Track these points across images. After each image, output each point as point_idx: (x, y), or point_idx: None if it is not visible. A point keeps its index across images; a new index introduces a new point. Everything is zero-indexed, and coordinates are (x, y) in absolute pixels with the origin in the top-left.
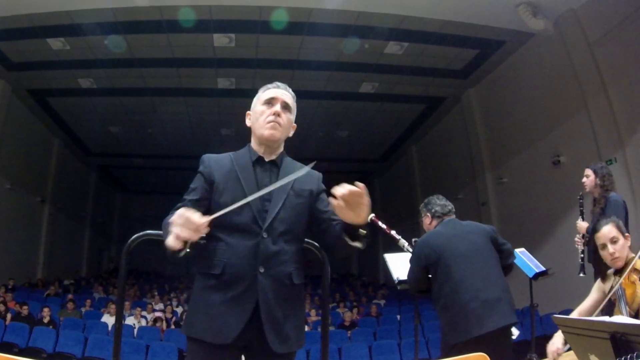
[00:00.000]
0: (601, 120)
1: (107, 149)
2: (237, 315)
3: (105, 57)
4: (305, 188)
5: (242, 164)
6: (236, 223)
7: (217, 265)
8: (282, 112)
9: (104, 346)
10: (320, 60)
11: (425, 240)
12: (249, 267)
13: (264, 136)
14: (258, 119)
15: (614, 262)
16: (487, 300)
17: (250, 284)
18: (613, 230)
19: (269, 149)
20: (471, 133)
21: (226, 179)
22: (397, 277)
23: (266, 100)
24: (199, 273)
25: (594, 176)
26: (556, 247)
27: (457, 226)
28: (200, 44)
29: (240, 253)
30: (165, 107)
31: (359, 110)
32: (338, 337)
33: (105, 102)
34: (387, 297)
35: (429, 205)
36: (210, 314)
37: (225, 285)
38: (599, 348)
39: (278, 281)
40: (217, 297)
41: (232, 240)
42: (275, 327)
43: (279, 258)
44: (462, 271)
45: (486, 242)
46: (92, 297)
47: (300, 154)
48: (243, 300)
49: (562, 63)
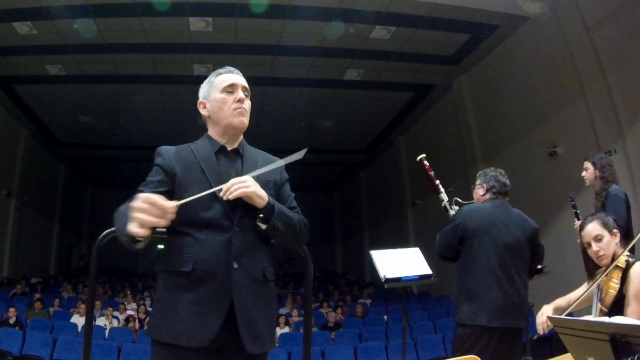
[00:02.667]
0: (600, 108)
1: (77, 139)
2: (212, 315)
3: (75, 42)
4: (270, 179)
5: (205, 155)
6: (205, 218)
7: (187, 262)
8: (244, 98)
9: (73, 348)
10: (303, 45)
11: (472, 212)
12: (222, 262)
13: (232, 124)
14: (221, 107)
15: (599, 260)
16: (509, 296)
17: (224, 281)
18: (597, 227)
19: (233, 138)
20: (462, 123)
21: (189, 172)
22: (384, 275)
23: (225, 88)
24: (166, 271)
25: (593, 168)
26: (552, 244)
27: (508, 213)
28: (175, 29)
29: (211, 249)
30: (139, 95)
31: (344, 98)
32: (321, 338)
33: (75, 89)
34: (373, 296)
35: (489, 178)
36: (182, 315)
37: (196, 283)
38: (597, 350)
39: (251, 277)
40: (188, 296)
41: (202, 236)
42: (250, 326)
43: (253, 253)
44: (495, 261)
45: (525, 238)
46: (60, 297)
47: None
48: (217, 298)
49: (559, 48)
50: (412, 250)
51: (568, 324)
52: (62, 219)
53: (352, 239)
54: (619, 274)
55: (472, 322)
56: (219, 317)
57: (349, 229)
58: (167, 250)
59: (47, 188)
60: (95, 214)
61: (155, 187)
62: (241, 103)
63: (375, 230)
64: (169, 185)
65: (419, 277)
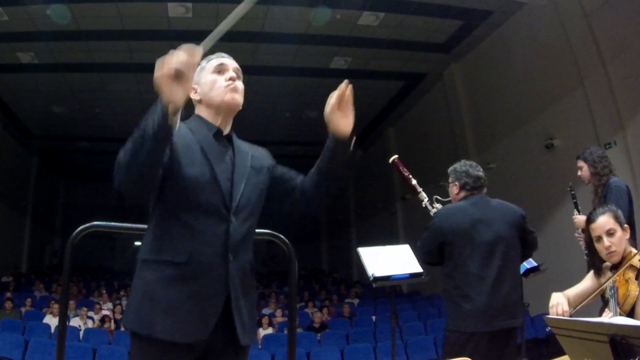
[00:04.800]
0: (599, 99)
1: (50, 131)
2: (208, 310)
3: (47, 28)
4: (263, 164)
5: (203, 136)
6: (203, 203)
7: (182, 252)
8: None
9: (46, 350)
10: (287, 32)
11: (449, 214)
12: (218, 255)
13: (224, 101)
14: (212, 87)
15: (609, 257)
16: (497, 297)
17: (221, 275)
18: (610, 221)
19: (226, 120)
20: (454, 113)
21: (187, 149)
22: (373, 274)
23: (215, 69)
24: (153, 261)
25: (587, 165)
26: (549, 241)
27: (486, 207)
28: (153, 15)
29: (209, 239)
30: (115, 84)
31: (330, 87)
32: (306, 340)
33: (47, 78)
34: (361, 295)
35: (460, 174)
36: (177, 309)
37: (190, 276)
38: (596, 352)
39: (243, 270)
40: (181, 289)
41: (199, 224)
42: (242, 319)
43: (245, 244)
44: (479, 263)
45: (512, 232)
46: (32, 296)
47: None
48: (215, 292)
49: (556, 36)
50: (402, 247)
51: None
52: (35, 214)
53: (338, 235)
54: (633, 275)
55: (458, 328)
56: (216, 312)
57: (336, 225)
58: (154, 237)
59: (19, 182)
60: (69, 209)
61: None
62: (232, 81)
63: (363, 226)
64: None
65: (409, 276)
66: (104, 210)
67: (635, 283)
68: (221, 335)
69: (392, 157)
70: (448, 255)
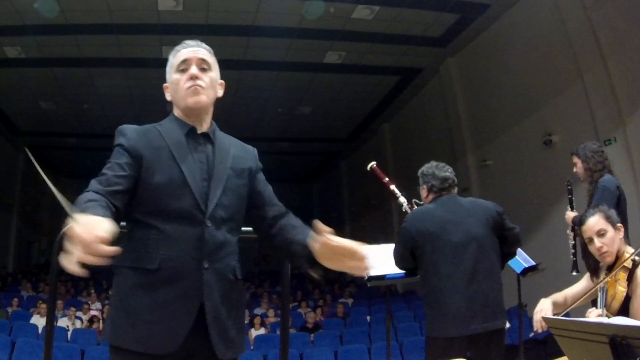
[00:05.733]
0: (598, 94)
1: (38, 127)
2: (180, 319)
3: (34, 22)
4: (244, 167)
5: (174, 137)
6: (175, 208)
7: (153, 259)
8: (199, 73)
9: (33, 351)
10: (280, 26)
11: (415, 219)
12: (192, 261)
13: (188, 106)
14: (176, 89)
15: (602, 258)
16: (472, 299)
17: (194, 282)
18: (600, 221)
19: (198, 120)
20: (451, 109)
21: (157, 155)
22: (367, 273)
23: (179, 66)
24: (126, 267)
25: (580, 161)
26: (547, 239)
27: (455, 207)
28: (142, 8)
29: (181, 245)
30: (104, 79)
31: (324, 83)
32: (300, 340)
33: (35, 73)
34: (355, 295)
35: (427, 177)
36: (147, 319)
37: (163, 283)
38: (596, 353)
39: (223, 277)
40: (154, 297)
41: (170, 229)
42: (222, 330)
43: (224, 250)
44: (450, 265)
45: (485, 229)
46: (19, 296)
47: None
48: (186, 301)
49: (555, 29)
50: None
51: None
52: (21, 213)
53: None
54: (624, 276)
55: (437, 334)
56: (187, 322)
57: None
58: (129, 243)
59: (5, 179)
60: (56, 208)
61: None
62: (194, 80)
63: (358, 225)
64: (134, 169)
65: (404, 275)
66: None
67: (624, 284)
68: (198, 347)
69: (369, 164)
70: (420, 259)
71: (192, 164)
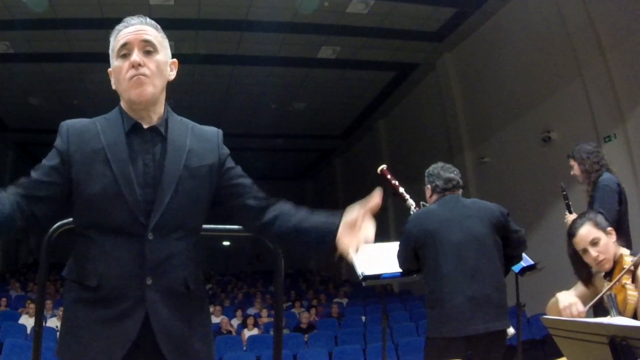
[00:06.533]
0: (598, 89)
1: (26, 123)
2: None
3: (23, 17)
4: (203, 164)
5: (113, 137)
6: (109, 221)
7: (92, 276)
8: (143, 58)
9: (22, 352)
10: (273, 20)
11: (417, 219)
12: (133, 279)
13: (131, 99)
14: (118, 79)
15: (600, 266)
16: (473, 299)
17: (136, 300)
18: (592, 230)
19: (146, 111)
20: (448, 105)
21: (90, 161)
22: (362, 272)
23: (119, 51)
24: (72, 281)
25: (577, 164)
26: (546, 238)
27: (457, 207)
28: (133, 2)
29: (120, 262)
30: (94, 75)
31: (318, 79)
32: (293, 341)
33: (23, 69)
34: (350, 295)
35: (432, 177)
36: (85, 336)
37: (103, 301)
38: (595, 354)
39: (171, 292)
40: (92, 315)
41: (108, 244)
42: (178, 345)
43: (171, 263)
44: (450, 264)
45: (487, 230)
46: (7, 296)
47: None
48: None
49: (553, 23)
50: (393, 244)
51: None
52: None
53: None
54: (629, 278)
55: (437, 334)
56: (125, 342)
57: None
58: (74, 256)
59: None
60: None
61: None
62: (137, 69)
63: None
64: (63, 176)
65: (400, 274)
66: None
67: (632, 287)
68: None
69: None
70: (422, 259)
71: (130, 169)
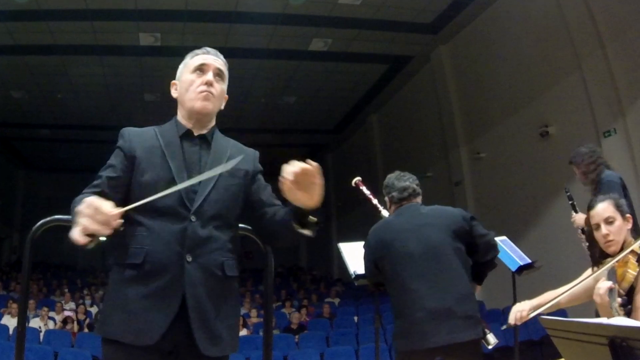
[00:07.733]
0: (597, 83)
1: (8, 117)
2: (161, 311)
3: (5, 8)
4: (240, 167)
5: (168, 138)
6: (160, 205)
7: (137, 254)
8: (214, 81)
9: (4, 353)
10: (263, 12)
11: (375, 231)
12: (174, 255)
13: (194, 109)
14: (187, 89)
15: (607, 246)
16: (434, 310)
17: (176, 275)
18: (610, 208)
19: (199, 123)
20: (443, 99)
21: (149, 154)
22: (354, 271)
23: (196, 67)
24: (116, 264)
25: (577, 168)
26: (544, 236)
27: (414, 216)
28: None
29: (164, 239)
30: (78, 68)
31: (309, 71)
32: (284, 342)
33: (5, 62)
34: (342, 294)
35: (387, 188)
36: (129, 310)
37: (146, 276)
38: (594, 355)
39: (208, 272)
40: (137, 290)
41: (155, 225)
42: (206, 325)
43: (210, 245)
44: (408, 274)
45: (446, 237)
46: None
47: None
48: (168, 293)
49: (551, 15)
50: None
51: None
52: None
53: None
54: (634, 260)
55: (401, 347)
56: (167, 314)
57: None
58: (119, 241)
59: None
60: (29, 202)
61: (113, 172)
62: (208, 86)
63: (344, 220)
64: (128, 170)
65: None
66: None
67: (635, 264)
68: (182, 342)
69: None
70: (382, 272)
71: (182, 162)
